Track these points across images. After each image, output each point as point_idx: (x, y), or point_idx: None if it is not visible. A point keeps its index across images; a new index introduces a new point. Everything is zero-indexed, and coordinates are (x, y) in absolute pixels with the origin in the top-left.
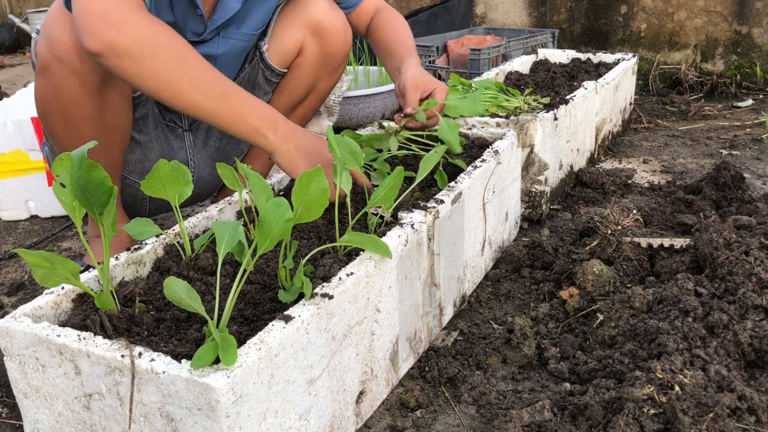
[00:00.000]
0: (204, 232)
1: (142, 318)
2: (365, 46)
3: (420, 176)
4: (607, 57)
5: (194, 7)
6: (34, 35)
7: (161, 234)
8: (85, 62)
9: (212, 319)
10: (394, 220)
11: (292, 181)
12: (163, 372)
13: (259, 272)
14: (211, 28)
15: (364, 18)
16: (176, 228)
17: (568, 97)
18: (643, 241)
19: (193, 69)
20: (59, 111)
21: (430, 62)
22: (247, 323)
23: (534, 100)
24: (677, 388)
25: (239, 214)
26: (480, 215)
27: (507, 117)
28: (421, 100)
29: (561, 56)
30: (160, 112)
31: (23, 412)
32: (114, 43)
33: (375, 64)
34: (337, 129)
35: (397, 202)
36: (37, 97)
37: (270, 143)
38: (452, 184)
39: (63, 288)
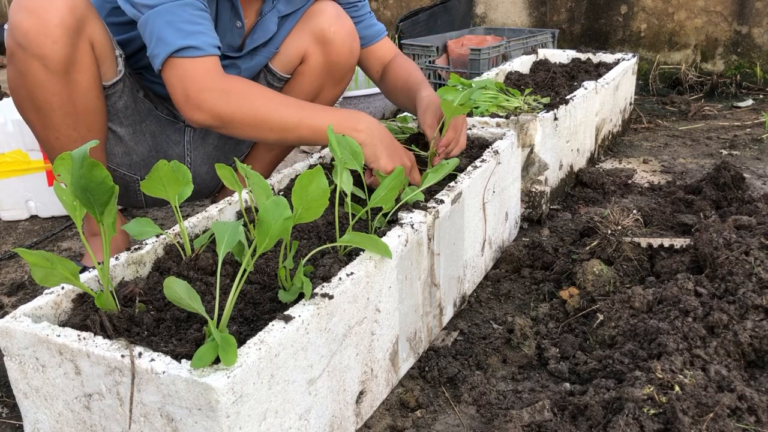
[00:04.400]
0: (204, 232)
1: (142, 318)
2: None
3: (427, 183)
4: (607, 57)
5: (235, 20)
6: (6, 26)
7: (161, 234)
8: (44, 45)
9: (212, 319)
10: (395, 220)
11: (292, 181)
12: (163, 372)
13: (259, 272)
14: (249, 48)
15: (379, 58)
16: (176, 228)
17: (568, 97)
18: (643, 241)
19: (275, 113)
20: (28, 99)
21: (430, 62)
22: (247, 323)
23: (534, 100)
24: (677, 388)
25: (239, 214)
26: (480, 215)
27: (507, 117)
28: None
29: (561, 56)
30: (155, 106)
31: (23, 412)
32: (220, 115)
33: None
34: None
35: (399, 204)
36: (9, 87)
37: (361, 139)
38: (452, 184)
39: (63, 288)
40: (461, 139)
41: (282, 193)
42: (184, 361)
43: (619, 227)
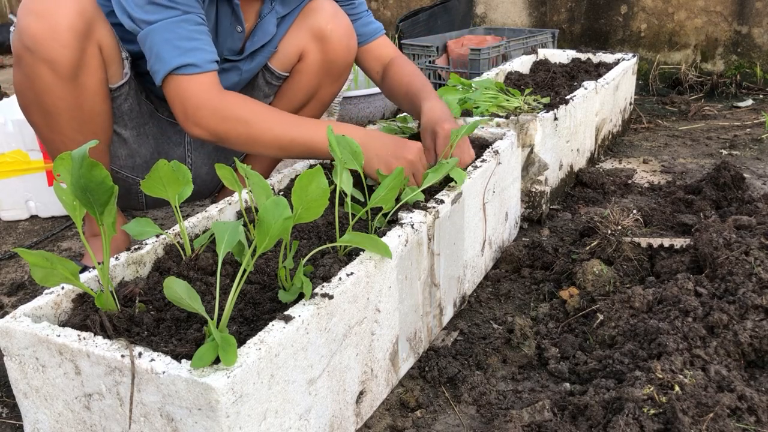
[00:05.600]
0: (204, 232)
1: (142, 318)
2: None
3: (427, 183)
4: (607, 57)
5: (236, 24)
6: (12, 28)
7: (161, 234)
8: (53, 49)
9: (212, 319)
10: (395, 220)
11: (292, 181)
12: (163, 372)
13: (259, 272)
14: (249, 50)
15: (377, 57)
16: (176, 228)
17: (568, 97)
18: (643, 241)
19: (269, 132)
20: (35, 102)
21: (430, 62)
22: (247, 323)
23: (534, 100)
24: (677, 388)
25: (239, 214)
26: (480, 215)
27: (507, 117)
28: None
29: (561, 56)
30: (156, 108)
31: (23, 412)
32: (216, 132)
33: None
34: None
35: (399, 204)
36: (16, 89)
37: None
38: (452, 183)
39: (63, 288)
40: (464, 157)
41: (282, 193)
42: (184, 361)
43: (619, 227)
